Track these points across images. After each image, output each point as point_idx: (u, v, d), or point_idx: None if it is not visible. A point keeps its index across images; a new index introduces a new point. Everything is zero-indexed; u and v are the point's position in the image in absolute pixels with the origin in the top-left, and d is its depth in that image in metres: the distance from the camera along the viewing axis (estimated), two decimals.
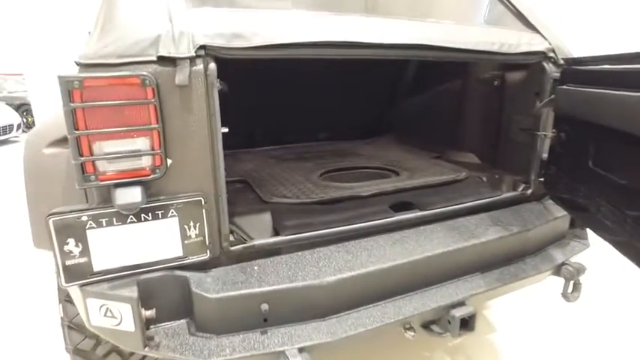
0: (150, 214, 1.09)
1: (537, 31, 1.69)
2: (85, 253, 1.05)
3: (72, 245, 1.04)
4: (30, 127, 9.61)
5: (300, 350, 1.14)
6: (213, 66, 1.08)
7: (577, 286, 1.65)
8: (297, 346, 1.15)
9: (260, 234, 1.33)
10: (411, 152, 2.56)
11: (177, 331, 1.16)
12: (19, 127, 9.44)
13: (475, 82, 2.17)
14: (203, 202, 1.14)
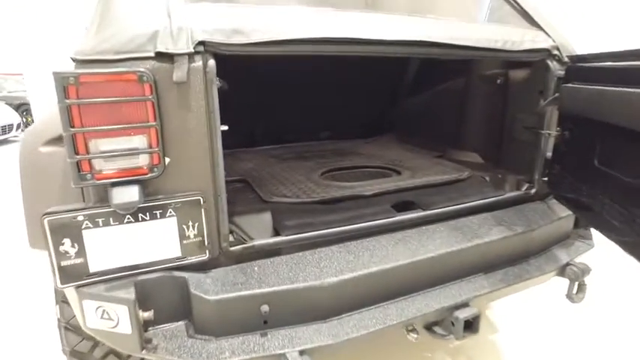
0: (147, 214, 1.07)
1: (541, 29, 1.67)
2: (81, 253, 1.03)
3: (68, 245, 1.02)
4: None
5: (301, 353, 1.12)
6: (212, 62, 1.06)
7: (582, 287, 1.63)
8: (297, 349, 1.13)
9: (260, 234, 1.31)
10: (412, 151, 2.55)
11: (176, 334, 1.15)
12: (18, 127, 9.44)
13: (478, 80, 2.15)
14: (202, 201, 1.12)
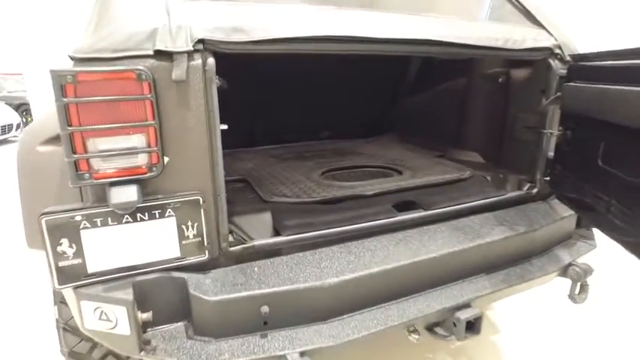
0: (146, 214, 1.06)
1: (543, 28, 1.66)
2: (78, 253, 1.02)
3: (65, 246, 1.01)
4: None
5: (302, 354, 1.11)
6: (211, 61, 1.05)
7: (584, 287, 1.62)
8: (298, 350, 1.12)
9: (260, 234, 1.30)
10: (413, 151, 2.53)
11: (175, 335, 1.13)
12: (18, 127, 9.42)
13: (479, 79, 2.14)
14: (201, 201, 1.11)
